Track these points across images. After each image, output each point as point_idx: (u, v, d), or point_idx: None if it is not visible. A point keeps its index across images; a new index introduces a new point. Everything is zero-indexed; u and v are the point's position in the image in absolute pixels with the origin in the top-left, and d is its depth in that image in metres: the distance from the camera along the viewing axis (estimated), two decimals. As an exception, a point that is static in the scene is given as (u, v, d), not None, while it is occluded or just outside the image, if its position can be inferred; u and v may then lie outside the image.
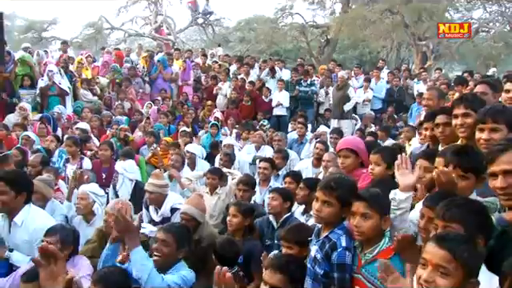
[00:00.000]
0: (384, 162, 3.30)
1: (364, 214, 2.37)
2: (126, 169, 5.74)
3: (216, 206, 5.18)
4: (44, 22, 23.44)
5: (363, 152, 3.51)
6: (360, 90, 10.98)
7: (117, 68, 11.16)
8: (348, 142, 3.58)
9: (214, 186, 5.29)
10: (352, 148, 3.49)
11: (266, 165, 5.51)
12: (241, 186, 4.79)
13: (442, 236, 1.79)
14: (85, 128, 7.76)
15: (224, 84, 11.37)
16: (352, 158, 3.46)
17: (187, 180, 5.54)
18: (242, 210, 3.88)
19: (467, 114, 2.86)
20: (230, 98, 10.93)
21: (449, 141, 3.13)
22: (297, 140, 8.00)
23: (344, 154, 3.48)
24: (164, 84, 11.36)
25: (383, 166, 3.30)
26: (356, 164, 3.47)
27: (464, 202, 2.05)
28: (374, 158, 3.36)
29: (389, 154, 3.35)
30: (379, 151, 3.39)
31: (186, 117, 9.36)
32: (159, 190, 4.62)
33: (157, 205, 4.65)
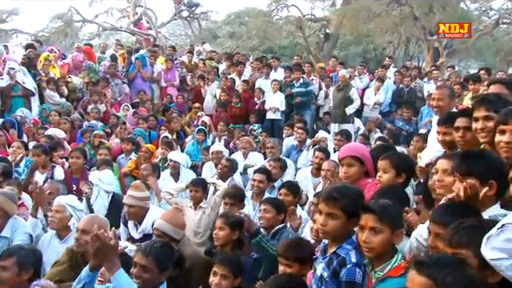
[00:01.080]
0: (393, 169, 3.33)
1: (373, 227, 2.38)
2: (102, 179, 5.70)
3: (201, 221, 5.19)
4: (3, 12, 23.11)
5: (368, 160, 3.52)
6: (370, 92, 11.06)
7: (92, 66, 11.14)
8: (352, 149, 3.60)
9: (197, 199, 5.29)
10: (357, 156, 3.49)
11: (261, 177, 5.50)
12: (227, 200, 4.79)
13: (421, 261, 1.82)
14: (53, 134, 7.70)
15: (212, 84, 11.40)
16: (356, 167, 3.47)
17: (167, 194, 5.52)
18: (230, 222, 3.90)
19: (489, 116, 2.88)
20: (218, 99, 10.96)
21: (469, 147, 3.16)
22: (296, 147, 8.04)
23: (348, 163, 3.49)
24: (143, 84, 11.38)
25: (392, 173, 3.32)
26: (360, 173, 3.48)
27: (473, 223, 2.04)
28: (382, 165, 3.38)
29: (398, 160, 3.38)
30: (388, 157, 3.42)
31: (172, 122, 9.36)
32: (139, 203, 4.62)
33: (137, 220, 4.64)
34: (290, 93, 10.68)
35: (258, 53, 22.55)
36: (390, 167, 3.34)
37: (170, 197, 5.48)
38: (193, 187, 5.31)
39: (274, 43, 24.41)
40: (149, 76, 11.50)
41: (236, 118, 10.41)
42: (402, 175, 3.34)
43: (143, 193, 4.71)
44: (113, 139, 8.62)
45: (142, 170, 6.04)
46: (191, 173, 6.94)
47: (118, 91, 11.00)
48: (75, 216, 4.37)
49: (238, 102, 10.64)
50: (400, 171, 3.34)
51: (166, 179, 6.57)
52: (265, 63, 12.16)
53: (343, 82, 9.97)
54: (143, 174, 6.03)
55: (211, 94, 11.25)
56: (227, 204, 4.77)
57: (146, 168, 6.18)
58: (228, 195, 4.82)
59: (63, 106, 9.74)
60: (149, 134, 8.97)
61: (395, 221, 2.42)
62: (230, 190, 4.96)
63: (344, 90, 9.84)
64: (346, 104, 9.78)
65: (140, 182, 5.05)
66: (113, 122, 9.50)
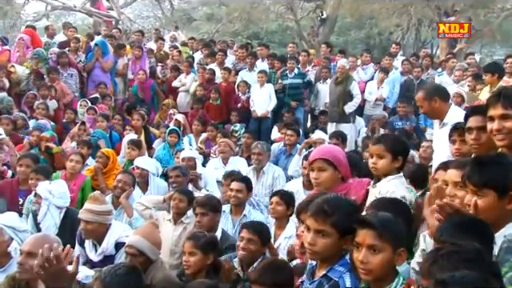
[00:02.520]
0: (389, 153, 3.44)
1: (372, 245, 2.40)
2: (53, 192, 5.66)
3: (180, 238, 5.18)
4: None
5: (342, 164, 3.61)
6: (372, 85, 11.14)
7: (42, 54, 10.98)
8: (324, 152, 3.70)
9: (181, 211, 5.28)
10: (328, 159, 3.57)
11: (238, 186, 5.51)
12: (197, 210, 4.86)
13: None
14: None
15: (187, 77, 11.45)
16: (329, 172, 3.55)
17: (140, 205, 5.54)
18: (201, 245, 3.94)
19: (507, 115, 2.91)
20: (194, 95, 11.00)
21: (485, 151, 3.21)
22: (285, 151, 8.07)
23: (318, 167, 3.57)
24: (103, 76, 11.32)
25: (388, 158, 3.45)
26: (334, 179, 3.57)
27: (452, 249, 2.05)
28: (375, 150, 3.51)
29: (393, 142, 3.53)
30: (379, 140, 3.58)
31: (133, 119, 9.31)
32: (99, 219, 4.62)
33: (96, 239, 4.65)
34: (282, 87, 10.75)
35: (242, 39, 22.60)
36: (385, 151, 3.47)
37: (143, 208, 5.50)
38: (178, 195, 5.30)
39: (260, 27, 24.48)
40: (109, 66, 11.44)
41: (215, 117, 10.45)
42: (398, 159, 3.49)
43: (104, 206, 4.72)
44: (67, 142, 8.55)
45: (118, 182, 5.95)
46: (162, 182, 6.94)
47: (75, 84, 10.91)
48: (17, 239, 4.27)
49: (217, 98, 10.70)
50: (396, 154, 3.48)
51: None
52: (250, 52, 12.20)
53: (342, 73, 10.03)
54: (118, 185, 5.93)
55: (186, 88, 11.30)
56: (197, 214, 4.83)
57: (123, 179, 5.99)
58: (198, 204, 4.88)
59: (3, 101, 9.63)
60: (110, 136, 8.93)
61: (398, 238, 2.44)
62: (200, 199, 5.03)
63: (343, 83, 9.90)
64: (346, 100, 9.85)
65: (99, 193, 5.03)
66: (69, 119, 9.41)
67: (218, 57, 11.80)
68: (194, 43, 14.25)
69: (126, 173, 6.19)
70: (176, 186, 6.15)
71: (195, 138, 9.44)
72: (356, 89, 10.03)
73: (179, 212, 5.29)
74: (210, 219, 4.87)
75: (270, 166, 7.30)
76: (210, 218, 4.87)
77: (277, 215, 5.03)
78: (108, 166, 7.31)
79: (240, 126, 9.60)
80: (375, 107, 10.94)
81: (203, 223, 4.83)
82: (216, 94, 10.71)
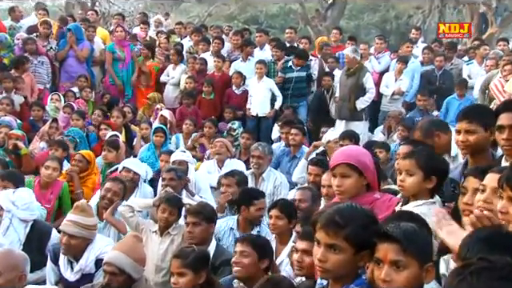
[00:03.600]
0: (420, 170, 3.42)
1: (396, 261, 2.40)
2: (16, 203, 5.60)
3: (167, 253, 5.21)
4: None
5: (369, 170, 3.55)
6: (389, 77, 11.13)
7: (5, 40, 10.90)
8: (348, 154, 3.61)
9: (168, 222, 5.31)
10: (353, 163, 3.51)
11: (232, 187, 5.66)
12: (189, 219, 4.90)
13: None
14: None
15: (176, 68, 11.44)
16: (353, 179, 3.49)
17: (129, 209, 5.51)
18: (190, 262, 3.96)
19: None
20: (184, 88, 11.00)
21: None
22: (288, 153, 8.04)
23: (341, 172, 3.51)
24: (79, 66, 11.29)
25: (419, 176, 3.42)
26: (359, 187, 3.50)
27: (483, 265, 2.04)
28: (405, 165, 3.48)
29: (427, 159, 3.47)
30: (412, 154, 3.52)
31: (112, 116, 9.26)
32: (85, 233, 4.62)
33: (74, 255, 4.64)
34: (283, 80, 10.76)
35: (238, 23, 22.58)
36: (416, 168, 3.42)
37: (130, 214, 5.50)
38: (166, 206, 5.30)
39: (259, 10, 24.47)
40: (85, 55, 11.40)
41: (208, 114, 10.43)
42: (431, 179, 3.44)
43: (92, 219, 4.72)
44: (35, 143, 8.51)
45: (106, 191, 5.89)
46: (148, 188, 6.95)
47: (46, 74, 10.87)
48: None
49: (210, 92, 10.70)
50: (429, 173, 3.43)
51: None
52: (245, 39, 12.16)
53: (351, 63, 10.01)
54: (107, 196, 5.85)
55: (175, 81, 11.33)
56: (188, 224, 4.88)
57: (112, 188, 5.89)
58: (190, 212, 4.93)
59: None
60: (87, 136, 8.92)
61: (425, 252, 2.44)
62: (193, 207, 5.09)
63: (356, 75, 9.89)
64: (358, 95, 9.81)
65: (86, 204, 5.03)
66: (36, 116, 9.37)
67: (214, 45, 11.76)
68: (181, 28, 14.22)
69: (117, 180, 6.10)
70: (167, 190, 6.16)
71: (185, 139, 9.45)
72: (370, 82, 9.99)
73: (165, 224, 5.32)
74: (202, 230, 4.88)
75: (271, 172, 7.30)
76: (203, 229, 4.89)
77: (278, 231, 5.04)
78: (87, 170, 7.32)
79: (238, 124, 9.61)
80: (392, 102, 10.93)
81: (195, 234, 4.84)
82: (209, 87, 10.70)
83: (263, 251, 4.21)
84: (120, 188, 5.95)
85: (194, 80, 10.92)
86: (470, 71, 11.10)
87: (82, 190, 7.08)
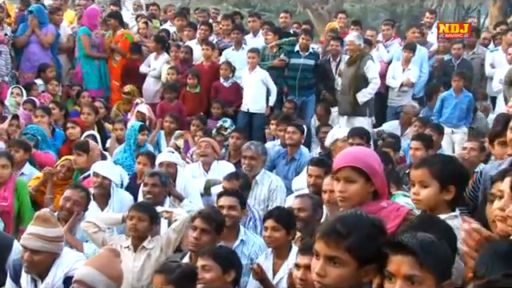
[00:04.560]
0: (436, 181, 3.41)
1: (410, 276, 2.40)
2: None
3: (143, 270, 5.25)
4: None
5: (378, 175, 3.53)
6: (395, 67, 11.12)
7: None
8: (353, 156, 3.57)
9: (139, 231, 5.31)
10: (359, 166, 3.48)
11: (231, 201, 5.55)
12: (198, 223, 4.92)
13: None
14: None
15: (158, 58, 11.43)
16: (359, 184, 3.47)
17: (92, 226, 5.50)
18: (175, 279, 3.98)
19: None
20: (165, 81, 10.98)
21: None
22: (285, 154, 8.01)
23: (346, 177, 3.48)
24: (42, 54, 11.20)
25: (435, 187, 3.41)
26: (365, 194, 3.49)
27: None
28: (418, 175, 3.47)
29: (443, 167, 3.46)
30: (426, 163, 3.51)
31: (82, 113, 9.16)
32: (50, 247, 4.57)
33: (38, 273, 4.61)
34: (284, 64, 10.76)
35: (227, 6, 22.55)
36: (430, 178, 3.42)
37: (95, 229, 5.49)
38: (136, 213, 5.30)
39: (252, -8, 24.45)
40: (51, 41, 11.32)
41: (193, 110, 10.45)
42: (449, 188, 3.43)
43: (56, 230, 4.67)
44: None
45: (65, 201, 5.84)
46: (127, 195, 6.92)
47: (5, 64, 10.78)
48: None
49: (196, 85, 10.69)
50: (447, 182, 3.42)
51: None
52: (236, 24, 12.11)
53: (354, 50, 9.99)
54: (65, 206, 5.82)
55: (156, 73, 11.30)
56: (196, 229, 4.89)
57: (72, 197, 5.87)
58: (201, 215, 4.96)
59: None
60: (52, 133, 8.85)
61: (443, 267, 2.44)
62: (206, 210, 5.14)
63: (356, 63, 9.87)
64: (358, 86, 9.79)
65: (50, 213, 4.97)
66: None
67: (200, 32, 11.75)
68: (157, 11, 14.15)
69: (78, 188, 6.08)
70: (149, 198, 6.17)
71: (166, 137, 9.43)
72: (372, 71, 9.90)
73: (139, 235, 5.32)
74: (210, 240, 4.89)
75: (266, 175, 7.31)
76: (210, 239, 4.89)
77: (275, 244, 5.04)
78: (71, 180, 7.28)
79: (230, 122, 9.63)
80: (401, 96, 10.93)
81: (201, 242, 4.84)
82: (194, 78, 10.67)
83: (227, 263, 4.31)
84: (82, 196, 5.91)
85: (177, 71, 10.91)
86: (493, 59, 11.06)
87: (54, 196, 6.97)
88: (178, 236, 5.41)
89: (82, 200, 5.90)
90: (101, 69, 11.56)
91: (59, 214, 5.81)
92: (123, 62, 11.56)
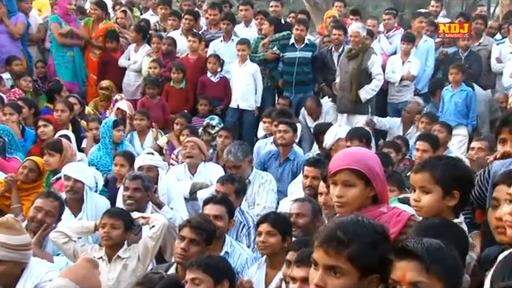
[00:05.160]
0: (438, 186, 3.43)
1: (416, 283, 2.44)
2: None
3: (119, 282, 5.29)
4: None
5: (379, 179, 3.52)
6: (394, 60, 11.11)
7: None
8: (351, 158, 3.53)
9: (112, 239, 5.33)
10: (359, 169, 3.46)
11: (217, 210, 5.54)
12: (186, 232, 4.93)
13: None
14: None
15: (139, 50, 11.42)
16: (358, 189, 3.45)
17: (61, 235, 5.48)
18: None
19: None
20: (147, 75, 10.99)
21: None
22: (277, 155, 8.05)
23: (344, 180, 3.47)
24: (12, 45, 11.22)
25: (438, 193, 3.44)
26: (364, 199, 3.48)
27: None
28: (419, 180, 3.50)
29: (446, 170, 3.48)
30: (426, 166, 3.54)
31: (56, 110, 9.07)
32: (15, 256, 4.54)
33: (5, 285, 4.59)
34: (276, 57, 10.76)
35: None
36: (432, 183, 3.44)
37: (65, 240, 5.48)
38: (109, 219, 5.31)
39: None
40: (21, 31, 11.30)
41: (178, 107, 10.44)
42: (453, 194, 3.44)
43: (22, 237, 4.63)
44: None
45: (35, 212, 5.75)
46: (102, 200, 6.91)
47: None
48: None
49: (180, 80, 10.67)
50: (450, 187, 3.43)
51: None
52: (226, 14, 12.09)
53: (356, 42, 10.00)
54: (36, 217, 5.73)
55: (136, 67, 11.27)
56: (184, 239, 4.90)
57: (44, 207, 5.77)
58: (191, 224, 4.97)
59: None
60: (22, 133, 8.83)
61: (452, 274, 2.47)
62: (196, 220, 5.14)
63: (359, 57, 9.89)
64: (361, 82, 9.82)
65: (13, 218, 4.90)
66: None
67: (185, 22, 11.72)
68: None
69: (50, 197, 5.96)
70: (130, 204, 6.17)
71: (140, 136, 9.45)
72: (377, 66, 10.01)
73: (113, 244, 5.32)
74: (199, 251, 4.88)
75: (257, 174, 7.36)
76: (199, 251, 4.89)
77: (269, 251, 5.02)
78: (36, 181, 7.20)
79: (219, 120, 9.58)
80: (402, 91, 10.92)
81: (189, 254, 4.84)
82: (179, 73, 10.65)
83: (219, 273, 4.32)
84: (54, 206, 5.82)
85: (160, 64, 10.89)
86: (500, 52, 11.03)
87: (22, 204, 6.92)
88: (156, 244, 5.41)
89: (55, 210, 5.82)
90: (75, 60, 11.51)
91: (28, 225, 5.75)
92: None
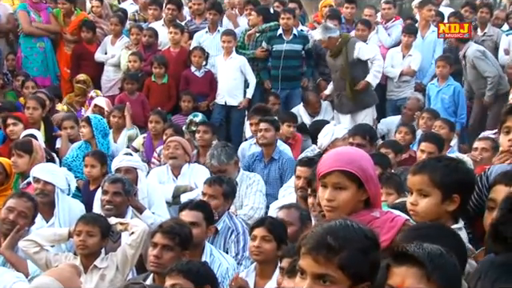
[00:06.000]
0: (437, 189, 3.44)
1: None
2: None
3: None
4: None
5: (373, 181, 3.52)
6: (394, 53, 11.18)
7: None
8: (343, 159, 3.52)
9: (88, 248, 5.33)
10: (351, 171, 3.45)
11: (193, 216, 5.56)
12: (158, 239, 4.94)
13: None
14: None
15: (116, 42, 11.45)
16: (350, 192, 3.45)
17: (32, 244, 5.46)
18: None
19: None
20: (126, 69, 11.01)
21: None
22: (260, 156, 8.10)
23: (335, 182, 3.46)
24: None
25: (436, 197, 3.44)
26: (356, 203, 3.48)
27: None
28: (416, 182, 3.51)
29: (445, 173, 3.48)
30: (424, 168, 3.54)
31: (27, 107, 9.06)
32: None
33: None
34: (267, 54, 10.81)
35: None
36: (431, 186, 3.45)
37: (36, 249, 5.46)
38: (84, 226, 5.31)
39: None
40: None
41: (159, 104, 10.47)
42: (453, 198, 3.44)
43: None
44: None
45: (7, 213, 5.75)
46: (76, 204, 6.92)
47: None
48: None
49: (163, 75, 10.70)
50: (450, 191, 3.44)
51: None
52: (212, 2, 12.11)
53: (330, 46, 9.97)
54: (8, 218, 5.73)
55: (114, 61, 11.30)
56: (156, 245, 4.91)
57: (17, 207, 5.76)
58: (162, 229, 4.98)
59: None
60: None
61: (453, 282, 2.49)
62: (167, 224, 5.16)
63: (342, 52, 9.90)
64: (354, 76, 9.85)
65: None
66: None
67: (167, 11, 11.72)
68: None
69: (23, 197, 5.96)
70: (109, 209, 6.17)
71: (114, 134, 9.47)
72: (367, 51, 10.06)
73: (89, 253, 5.34)
74: (173, 258, 4.87)
75: (244, 175, 7.43)
76: (173, 257, 4.89)
77: (262, 257, 5.03)
78: (3, 185, 7.20)
79: (202, 117, 9.57)
80: (402, 87, 10.97)
81: (162, 261, 4.87)
82: (161, 67, 10.64)
83: (200, 278, 4.36)
84: (28, 207, 5.79)
85: (141, 58, 10.89)
86: (509, 43, 11.11)
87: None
88: (135, 252, 5.40)
89: (29, 211, 5.80)
90: (47, 52, 11.52)
91: (0, 228, 5.76)
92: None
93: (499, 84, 10.24)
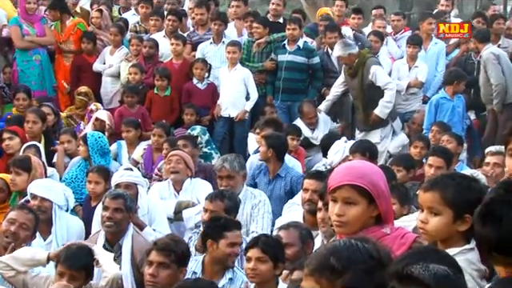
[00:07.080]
0: (448, 208, 3.40)
1: None
2: None
3: None
4: None
5: (384, 196, 3.52)
6: (400, 65, 11.17)
7: None
8: (354, 173, 3.52)
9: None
10: (362, 185, 3.45)
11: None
12: (154, 257, 4.94)
13: None
14: None
15: (115, 53, 11.45)
16: (360, 207, 3.45)
17: (6, 268, 5.31)
18: None
19: None
20: (126, 82, 11.00)
21: None
22: (265, 170, 8.07)
23: (345, 197, 3.46)
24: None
25: (448, 215, 3.40)
26: (367, 219, 3.49)
27: None
28: (427, 200, 3.46)
29: (458, 191, 3.44)
30: (436, 185, 3.48)
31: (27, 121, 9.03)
32: None
33: None
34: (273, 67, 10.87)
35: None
36: (442, 205, 3.40)
37: (11, 274, 5.31)
38: (67, 270, 5.06)
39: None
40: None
41: (162, 117, 10.45)
42: (465, 218, 3.38)
43: None
44: None
45: (8, 224, 5.77)
46: (75, 220, 6.92)
47: None
48: None
49: (165, 87, 10.70)
50: (462, 211, 3.38)
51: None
52: (214, 12, 12.14)
53: (349, 63, 9.98)
54: (9, 230, 5.75)
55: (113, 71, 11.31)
56: (152, 264, 4.91)
57: (18, 219, 5.78)
58: (157, 247, 4.98)
59: None
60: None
61: None
62: (162, 241, 5.15)
63: (359, 73, 9.90)
64: (371, 97, 9.85)
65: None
66: None
67: (168, 23, 11.74)
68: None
69: (24, 209, 6.00)
70: (109, 226, 6.13)
71: (129, 148, 9.51)
72: (380, 77, 9.95)
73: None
74: (170, 276, 4.88)
75: (248, 191, 7.36)
76: (170, 274, 4.89)
77: (258, 279, 5.01)
78: (5, 202, 7.24)
79: (202, 130, 9.56)
80: (410, 100, 11.00)
81: (159, 280, 4.86)
82: (163, 79, 10.64)
83: None
84: (29, 219, 5.82)
85: (142, 70, 10.89)
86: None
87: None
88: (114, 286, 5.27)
89: (30, 223, 5.81)
90: (43, 65, 11.51)
91: (1, 241, 5.77)
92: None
93: (506, 93, 10.22)
